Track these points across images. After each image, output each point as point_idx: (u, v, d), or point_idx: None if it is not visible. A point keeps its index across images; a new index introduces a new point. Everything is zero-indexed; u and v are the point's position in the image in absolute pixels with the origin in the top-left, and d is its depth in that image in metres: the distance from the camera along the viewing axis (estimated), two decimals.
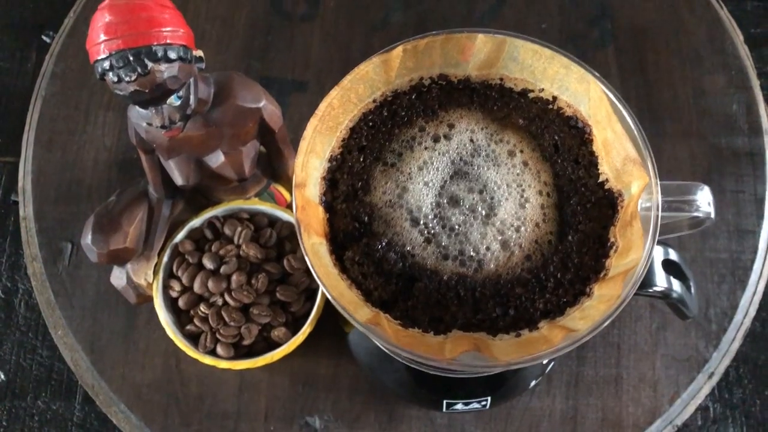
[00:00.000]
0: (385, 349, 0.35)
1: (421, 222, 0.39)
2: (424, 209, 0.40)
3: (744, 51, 0.69)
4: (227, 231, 0.56)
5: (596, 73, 0.40)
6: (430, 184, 0.40)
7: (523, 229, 0.39)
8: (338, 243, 0.40)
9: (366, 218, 0.39)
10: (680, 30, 0.70)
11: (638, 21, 0.70)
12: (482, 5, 0.71)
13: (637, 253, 0.36)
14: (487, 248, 0.39)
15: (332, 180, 0.41)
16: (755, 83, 0.68)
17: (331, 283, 0.36)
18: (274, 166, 0.58)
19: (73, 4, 0.72)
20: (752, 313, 0.61)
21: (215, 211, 0.57)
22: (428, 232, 0.39)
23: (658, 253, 0.41)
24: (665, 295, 0.41)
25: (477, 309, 0.38)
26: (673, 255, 0.42)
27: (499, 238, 0.39)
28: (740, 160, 0.65)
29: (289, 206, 0.60)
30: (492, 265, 0.39)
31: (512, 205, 0.40)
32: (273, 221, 0.58)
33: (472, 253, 0.39)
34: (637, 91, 0.68)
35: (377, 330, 0.35)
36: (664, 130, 0.66)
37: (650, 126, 0.66)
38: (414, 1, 0.71)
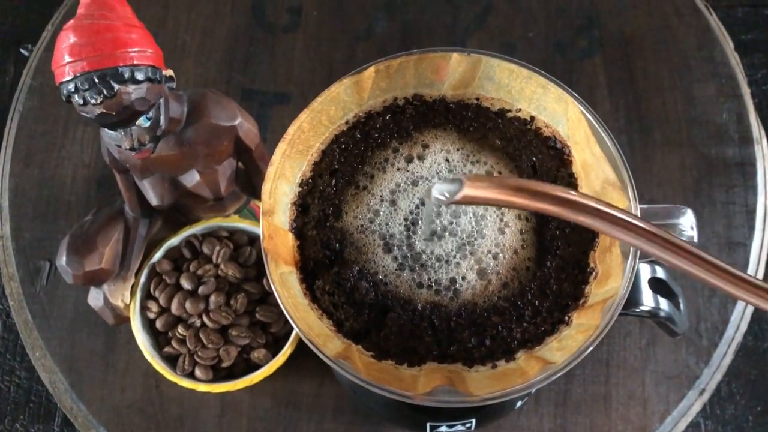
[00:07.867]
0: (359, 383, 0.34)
1: (395, 248, 0.38)
2: (397, 235, 0.38)
3: (734, 58, 0.67)
4: (206, 250, 0.55)
5: (575, 94, 0.39)
6: (402, 207, 0.39)
7: (501, 255, 0.38)
8: (309, 271, 0.38)
9: (337, 245, 0.38)
10: (669, 38, 0.68)
11: (626, 29, 0.69)
12: (467, 15, 0.70)
13: (617, 281, 0.35)
14: (463, 277, 0.37)
15: (303, 205, 0.40)
16: (746, 91, 0.66)
17: (300, 315, 0.35)
18: (253, 183, 0.57)
19: (51, 17, 0.71)
20: (743, 327, 0.59)
21: (194, 230, 0.56)
22: (402, 259, 0.38)
23: (645, 272, 0.40)
24: (652, 314, 0.40)
25: (452, 339, 0.37)
26: (660, 273, 0.41)
27: (476, 267, 0.38)
28: (731, 170, 0.64)
29: None
30: (468, 294, 0.37)
31: (491, 231, 0.38)
32: (253, 239, 0.56)
33: (447, 281, 0.37)
34: (625, 101, 0.66)
35: (347, 365, 0.34)
36: (653, 139, 0.65)
37: (639, 136, 0.65)
38: (398, 12, 0.70)
